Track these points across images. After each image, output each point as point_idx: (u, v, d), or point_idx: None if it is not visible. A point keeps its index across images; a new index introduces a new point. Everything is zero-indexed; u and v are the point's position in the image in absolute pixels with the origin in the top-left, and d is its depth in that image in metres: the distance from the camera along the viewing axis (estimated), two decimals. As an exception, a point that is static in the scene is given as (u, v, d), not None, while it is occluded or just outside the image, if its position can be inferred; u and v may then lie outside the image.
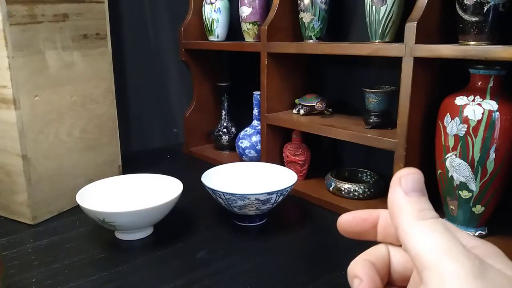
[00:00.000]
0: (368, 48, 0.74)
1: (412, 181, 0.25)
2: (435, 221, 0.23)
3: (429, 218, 0.23)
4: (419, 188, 0.25)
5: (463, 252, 0.21)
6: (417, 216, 0.23)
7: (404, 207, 0.24)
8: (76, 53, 0.83)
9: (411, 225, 0.23)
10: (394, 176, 0.25)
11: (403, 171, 0.25)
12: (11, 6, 0.70)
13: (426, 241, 0.22)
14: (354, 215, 0.30)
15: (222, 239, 0.73)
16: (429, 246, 0.22)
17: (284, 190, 0.72)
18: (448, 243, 0.22)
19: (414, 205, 0.24)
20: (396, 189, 0.25)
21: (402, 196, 0.25)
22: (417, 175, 0.25)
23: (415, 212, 0.24)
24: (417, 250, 0.22)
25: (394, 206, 0.25)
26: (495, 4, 0.60)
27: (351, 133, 0.80)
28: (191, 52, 1.18)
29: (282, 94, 0.99)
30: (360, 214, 0.30)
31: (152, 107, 1.30)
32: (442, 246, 0.22)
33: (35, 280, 0.60)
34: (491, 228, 0.70)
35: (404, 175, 0.25)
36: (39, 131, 0.77)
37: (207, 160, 1.16)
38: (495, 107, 0.62)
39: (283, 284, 0.60)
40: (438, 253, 0.21)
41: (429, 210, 0.24)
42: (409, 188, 0.25)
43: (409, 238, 0.23)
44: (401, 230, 0.24)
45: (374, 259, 0.28)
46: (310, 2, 0.87)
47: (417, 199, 0.24)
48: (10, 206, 0.79)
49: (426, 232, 0.22)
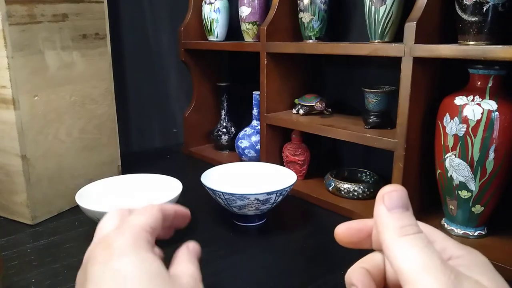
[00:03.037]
0: (368, 48, 0.74)
1: (395, 198, 0.26)
2: (415, 237, 0.24)
3: (410, 234, 0.24)
4: (402, 204, 0.26)
5: (439, 268, 0.23)
6: (399, 233, 0.25)
7: (387, 223, 0.25)
8: (76, 53, 0.83)
9: (393, 241, 0.25)
10: (378, 193, 0.26)
11: (386, 188, 0.26)
12: (11, 6, 0.70)
13: (406, 257, 0.23)
14: (349, 226, 0.31)
15: (222, 239, 0.73)
16: (408, 262, 0.23)
17: (284, 190, 0.72)
18: (426, 259, 0.23)
19: (396, 221, 0.25)
20: (379, 206, 0.26)
21: (385, 212, 0.26)
22: (400, 192, 0.26)
23: (397, 228, 0.25)
24: (398, 266, 0.24)
25: (378, 223, 0.26)
26: (495, 4, 0.60)
27: (350, 133, 0.80)
28: (190, 52, 1.18)
29: (281, 94, 0.99)
30: (355, 224, 0.31)
31: (152, 107, 1.30)
32: (420, 263, 0.23)
33: (35, 280, 0.60)
34: (491, 228, 0.70)
35: (387, 192, 0.26)
36: (38, 131, 0.77)
37: (207, 160, 1.16)
38: (494, 107, 0.62)
39: (283, 284, 0.60)
40: (416, 269, 0.23)
41: (411, 225, 0.25)
42: (392, 205, 0.26)
43: (392, 254, 0.24)
44: (385, 246, 0.25)
45: (369, 266, 0.29)
46: (309, 2, 0.87)
47: (399, 215, 0.25)
48: (10, 206, 0.79)
49: (406, 248, 0.24)
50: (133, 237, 0.30)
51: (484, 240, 0.68)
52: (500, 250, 0.65)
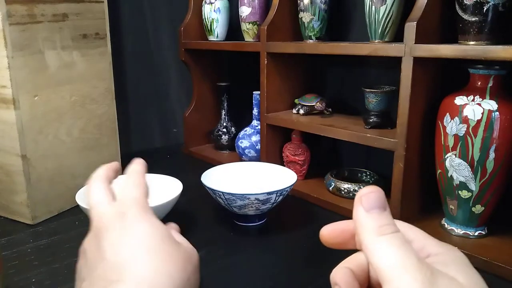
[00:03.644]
0: (368, 48, 0.74)
1: (373, 199, 0.27)
2: (393, 236, 0.25)
3: (388, 233, 0.25)
4: (380, 205, 0.27)
5: (416, 265, 0.23)
6: (377, 232, 0.25)
7: (365, 224, 0.26)
8: (76, 53, 0.83)
9: (371, 241, 0.25)
10: (356, 195, 0.27)
11: (364, 190, 0.27)
12: (11, 6, 0.70)
13: (384, 256, 0.24)
14: (333, 226, 0.31)
15: (222, 239, 0.73)
16: (386, 261, 0.24)
17: (284, 190, 0.72)
18: (403, 258, 0.24)
19: (374, 221, 0.26)
20: (358, 208, 0.27)
21: (364, 213, 0.26)
22: (377, 193, 0.27)
23: (375, 228, 0.26)
24: (377, 265, 0.24)
25: (357, 224, 0.27)
26: (495, 4, 0.60)
27: (350, 133, 0.80)
28: (190, 52, 1.18)
29: (281, 94, 0.99)
30: (339, 225, 0.31)
31: (152, 107, 1.30)
32: (397, 261, 0.24)
33: (35, 280, 0.60)
34: (491, 228, 0.70)
35: (365, 194, 0.27)
36: (38, 131, 0.77)
37: (207, 160, 1.16)
38: (494, 107, 0.62)
39: (283, 284, 0.60)
40: (394, 267, 0.24)
41: (389, 225, 0.26)
42: (370, 205, 0.27)
43: (370, 254, 0.25)
44: (364, 246, 0.26)
45: (353, 266, 0.30)
46: (309, 2, 0.87)
47: (377, 215, 0.26)
48: (10, 206, 0.79)
49: (384, 247, 0.25)
50: (142, 207, 0.37)
51: (485, 240, 0.68)
52: (501, 250, 0.65)
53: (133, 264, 0.33)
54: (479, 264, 0.63)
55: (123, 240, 0.35)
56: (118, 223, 0.36)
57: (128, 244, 0.34)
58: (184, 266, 0.36)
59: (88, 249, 0.37)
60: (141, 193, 0.39)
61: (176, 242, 0.37)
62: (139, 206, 0.37)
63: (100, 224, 0.37)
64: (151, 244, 0.35)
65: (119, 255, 0.34)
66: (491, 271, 0.62)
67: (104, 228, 0.36)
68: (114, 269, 0.33)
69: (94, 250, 0.36)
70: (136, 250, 0.34)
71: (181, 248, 0.37)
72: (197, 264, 0.40)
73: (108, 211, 0.37)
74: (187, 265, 0.36)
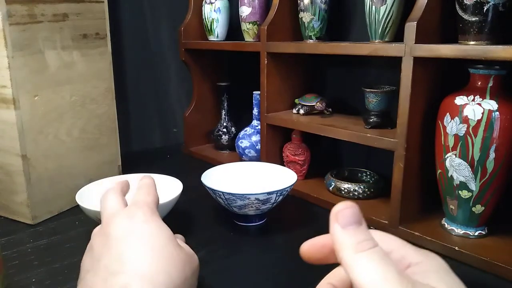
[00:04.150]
0: (368, 48, 0.74)
1: (348, 215, 0.27)
2: (371, 252, 0.25)
3: (366, 249, 0.25)
4: (356, 220, 0.27)
5: (397, 279, 0.24)
6: (355, 249, 0.26)
7: (343, 241, 0.26)
8: (76, 53, 0.83)
9: (351, 258, 0.26)
10: (331, 212, 0.28)
11: (338, 206, 0.28)
12: (11, 6, 0.70)
13: (364, 272, 0.24)
14: (312, 242, 0.32)
15: (222, 239, 0.73)
16: (366, 277, 0.24)
17: (284, 190, 0.72)
18: (383, 273, 0.24)
19: (352, 238, 0.26)
20: (334, 225, 0.27)
21: (340, 230, 0.27)
22: (352, 208, 0.27)
23: (353, 245, 0.26)
24: (358, 282, 0.25)
25: (334, 241, 0.27)
26: (495, 3, 0.60)
27: (351, 133, 0.80)
28: (191, 52, 1.18)
29: (282, 94, 0.99)
30: (318, 240, 0.32)
31: (152, 107, 1.30)
32: (378, 276, 0.24)
33: (35, 280, 0.60)
34: (491, 227, 0.70)
35: (340, 210, 0.27)
36: (38, 131, 0.77)
37: (207, 160, 1.16)
38: (495, 107, 0.62)
39: (283, 284, 0.60)
40: (374, 283, 0.24)
41: (366, 240, 0.26)
42: (346, 222, 0.27)
43: (351, 271, 0.25)
44: (344, 263, 0.26)
45: (335, 281, 0.31)
46: (310, 1, 0.87)
47: (354, 231, 0.26)
48: (10, 206, 0.79)
49: (363, 264, 0.25)
50: (151, 210, 0.41)
51: (485, 240, 0.68)
52: (501, 250, 0.65)
53: (135, 259, 0.35)
54: (479, 264, 0.63)
55: (129, 237, 0.37)
56: (127, 222, 0.39)
57: (134, 241, 0.37)
58: (183, 267, 0.38)
59: (95, 244, 0.39)
60: (152, 200, 0.44)
61: (179, 245, 0.40)
62: (148, 209, 0.41)
63: (111, 223, 0.39)
64: (155, 244, 0.37)
65: (123, 250, 0.36)
66: (491, 271, 0.62)
67: (113, 226, 0.39)
68: (118, 261, 0.36)
69: (101, 245, 0.38)
70: (140, 247, 0.36)
71: (182, 250, 0.39)
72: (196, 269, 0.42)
73: (119, 213, 0.40)
74: (186, 267, 0.38)
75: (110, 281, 0.35)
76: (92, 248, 0.39)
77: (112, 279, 0.35)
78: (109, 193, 0.45)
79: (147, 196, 0.44)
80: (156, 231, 0.39)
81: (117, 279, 0.34)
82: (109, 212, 0.42)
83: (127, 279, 0.34)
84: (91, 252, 0.39)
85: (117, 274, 0.35)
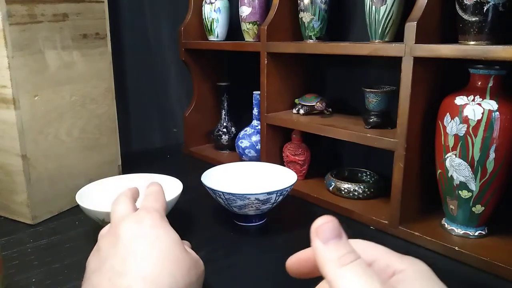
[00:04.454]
0: (368, 48, 0.74)
1: (327, 229, 0.27)
2: (353, 265, 0.26)
3: (348, 262, 0.26)
4: (336, 234, 0.27)
5: None
6: (337, 264, 0.26)
7: (325, 256, 0.27)
8: (76, 53, 0.83)
9: (333, 273, 0.26)
10: (311, 228, 0.28)
11: (318, 221, 0.28)
12: (11, 6, 0.70)
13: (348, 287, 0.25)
14: (298, 256, 0.33)
15: (222, 239, 0.73)
16: None
17: (284, 190, 0.72)
18: (366, 285, 0.24)
19: (333, 252, 0.26)
20: (315, 241, 0.28)
21: (321, 246, 0.27)
22: (331, 222, 0.28)
23: (335, 259, 0.26)
24: None
25: (317, 257, 0.27)
26: (495, 3, 0.60)
27: (351, 133, 0.80)
28: (191, 52, 1.18)
29: (282, 94, 0.99)
30: (303, 254, 0.32)
31: (152, 107, 1.30)
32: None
33: (35, 280, 0.60)
34: (491, 227, 0.70)
35: (320, 226, 0.28)
36: (38, 131, 0.77)
37: (207, 160, 1.16)
38: (495, 107, 0.62)
39: (283, 284, 0.60)
40: None
41: (348, 253, 0.26)
42: (326, 237, 0.27)
43: (335, 286, 0.25)
44: (328, 279, 0.26)
45: None
46: (310, 1, 0.87)
47: (335, 246, 0.27)
48: (10, 206, 0.79)
49: (347, 278, 0.25)
50: (160, 216, 0.42)
51: (485, 240, 0.68)
52: (501, 250, 0.65)
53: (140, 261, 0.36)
54: (479, 264, 0.63)
55: (137, 240, 0.38)
56: (136, 226, 0.40)
57: (140, 244, 0.38)
58: (188, 271, 0.39)
59: (103, 245, 0.40)
60: (160, 206, 0.45)
61: (185, 249, 0.41)
62: (157, 214, 0.42)
63: (120, 226, 0.40)
64: (162, 247, 0.38)
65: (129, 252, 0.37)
66: (491, 271, 0.62)
67: (123, 229, 0.40)
68: (123, 263, 0.36)
69: (109, 246, 0.39)
70: (146, 250, 0.37)
71: (188, 255, 0.40)
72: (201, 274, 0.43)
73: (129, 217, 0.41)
74: (191, 271, 0.39)
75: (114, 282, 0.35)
76: (100, 249, 0.40)
77: (116, 280, 0.35)
78: (120, 197, 0.46)
79: (156, 202, 0.45)
80: (163, 235, 0.40)
81: (121, 281, 0.35)
82: (119, 215, 0.42)
83: (130, 281, 0.35)
84: (98, 253, 0.40)
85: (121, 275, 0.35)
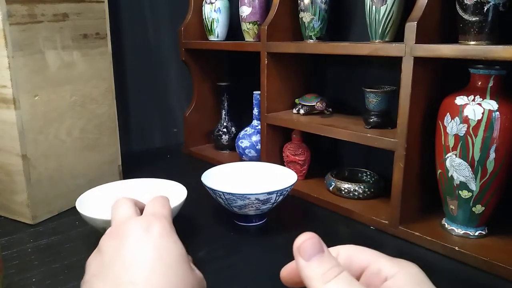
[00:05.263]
0: (368, 48, 0.74)
1: (309, 246, 0.28)
2: (338, 280, 0.26)
3: (332, 277, 0.26)
4: (317, 250, 0.27)
5: None
6: (322, 280, 0.26)
7: (309, 274, 0.27)
8: (76, 53, 0.83)
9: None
10: (294, 246, 0.28)
11: (299, 239, 0.28)
12: (11, 6, 0.70)
13: None
14: (291, 266, 0.32)
15: (222, 238, 0.73)
16: None
17: (284, 190, 0.72)
18: None
19: (316, 269, 0.27)
20: (298, 260, 0.28)
21: (305, 264, 0.27)
22: (312, 239, 0.28)
23: (319, 276, 0.26)
24: None
25: (302, 276, 0.27)
26: (495, 3, 0.60)
27: (351, 133, 0.80)
28: (191, 51, 1.18)
29: (282, 94, 0.99)
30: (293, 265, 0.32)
31: (152, 107, 1.30)
32: None
33: (35, 280, 0.60)
34: (491, 227, 0.70)
35: (301, 244, 0.28)
36: (39, 131, 0.77)
37: (207, 160, 1.16)
38: (495, 107, 0.62)
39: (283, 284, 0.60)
40: None
41: (331, 268, 0.27)
42: (308, 254, 0.27)
43: None
44: None
45: None
46: (310, 1, 0.87)
47: (317, 262, 0.27)
48: (10, 206, 0.79)
49: None
50: (168, 224, 0.40)
51: (485, 240, 0.68)
52: (501, 250, 0.65)
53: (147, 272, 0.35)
54: (479, 264, 0.63)
55: (144, 248, 0.36)
56: (144, 232, 0.37)
57: (148, 253, 0.36)
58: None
59: (106, 247, 0.38)
60: (168, 213, 0.43)
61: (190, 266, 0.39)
62: (166, 222, 0.40)
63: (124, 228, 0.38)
64: (168, 259, 0.36)
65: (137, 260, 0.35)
66: (491, 271, 0.62)
67: (129, 233, 0.38)
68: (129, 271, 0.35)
69: (113, 249, 0.37)
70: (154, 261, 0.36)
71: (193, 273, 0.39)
72: None
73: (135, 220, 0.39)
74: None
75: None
76: (102, 251, 0.39)
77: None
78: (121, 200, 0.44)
79: (163, 208, 0.43)
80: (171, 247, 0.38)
81: None
82: (122, 216, 0.41)
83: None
84: (100, 255, 0.38)
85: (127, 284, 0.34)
